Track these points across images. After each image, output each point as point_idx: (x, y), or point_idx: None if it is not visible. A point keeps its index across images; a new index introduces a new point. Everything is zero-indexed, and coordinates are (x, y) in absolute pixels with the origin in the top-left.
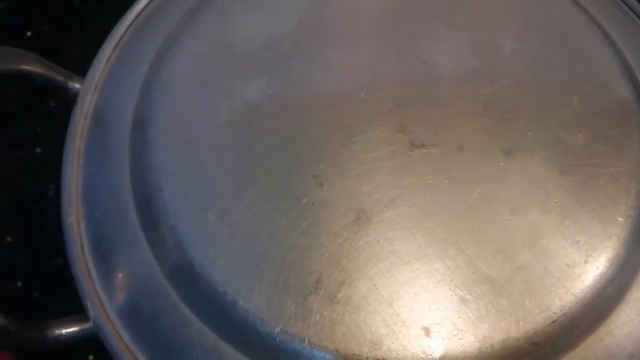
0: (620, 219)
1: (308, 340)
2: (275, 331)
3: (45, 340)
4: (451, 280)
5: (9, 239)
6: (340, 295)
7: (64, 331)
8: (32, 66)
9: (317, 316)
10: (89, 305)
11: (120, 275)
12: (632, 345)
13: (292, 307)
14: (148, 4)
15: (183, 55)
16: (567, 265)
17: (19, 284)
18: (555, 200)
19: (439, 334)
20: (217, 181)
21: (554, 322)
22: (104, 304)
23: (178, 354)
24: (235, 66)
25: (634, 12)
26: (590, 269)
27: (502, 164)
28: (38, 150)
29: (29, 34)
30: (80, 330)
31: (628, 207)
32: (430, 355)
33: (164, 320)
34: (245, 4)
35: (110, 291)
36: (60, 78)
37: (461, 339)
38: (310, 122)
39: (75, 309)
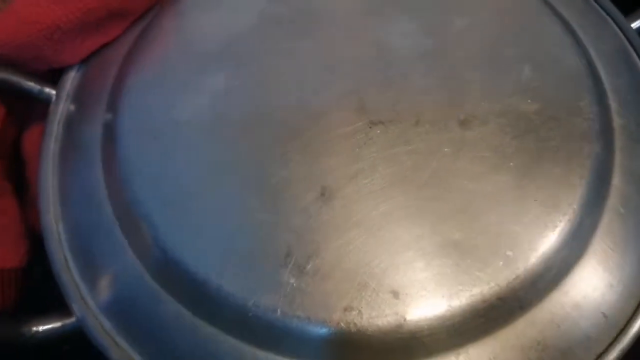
0: (575, 176)
1: (280, 311)
2: (248, 304)
3: (23, 336)
4: (416, 245)
5: None
6: (309, 267)
7: (41, 328)
8: (3, 72)
9: (288, 287)
10: (70, 296)
11: (98, 266)
12: (598, 295)
13: (264, 281)
14: None
15: (147, 59)
16: (528, 223)
17: None
18: (511, 163)
19: (407, 295)
20: (185, 169)
21: (517, 277)
22: (83, 295)
23: (156, 335)
24: (197, 64)
25: None
26: (550, 225)
27: (458, 134)
28: None
29: None
30: (61, 326)
31: (582, 165)
32: (400, 315)
33: (141, 305)
34: (204, 5)
35: (89, 283)
36: (32, 83)
37: (429, 299)
38: (272, 108)
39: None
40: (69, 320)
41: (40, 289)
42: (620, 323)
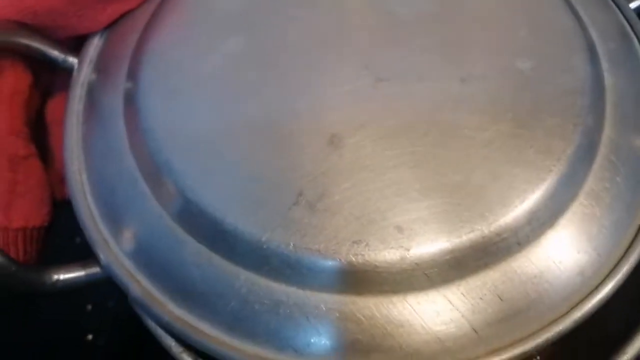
0: (568, 126)
1: (292, 245)
2: (262, 239)
3: (46, 284)
4: (420, 186)
5: None
6: (319, 205)
7: (62, 276)
8: (29, 40)
9: (300, 223)
10: (93, 240)
11: (120, 212)
12: (593, 233)
13: (277, 218)
14: None
15: (168, 25)
16: (525, 167)
17: None
18: (509, 114)
19: (411, 230)
20: (204, 120)
21: (515, 215)
22: (106, 239)
23: (176, 273)
24: (215, 28)
25: None
26: (545, 168)
27: (458, 89)
28: None
29: None
30: (84, 275)
31: (575, 116)
32: (404, 248)
33: (162, 245)
34: None
35: (112, 228)
36: (57, 52)
37: (432, 234)
38: (283, 67)
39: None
40: (91, 270)
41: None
42: (614, 258)
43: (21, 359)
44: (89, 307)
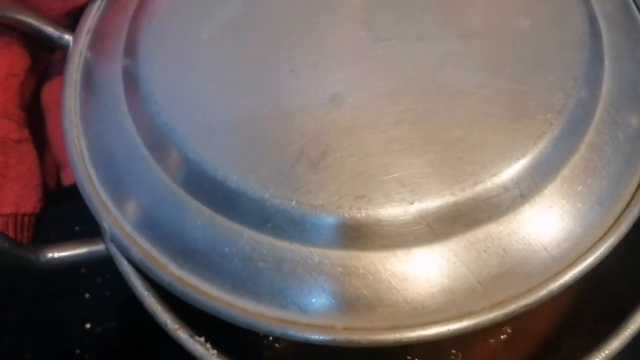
0: (568, 81)
1: (295, 201)
2: (265, 197)
3: (40, 261)
4: (422, 141)
5: None
6: (322, 163)
7: (56, 254)
8: (25, 17)
9: (302, 180)
10: (93, 205)
11: (120, 176)
12: (596, 184)
13: (279, 176)
14: None
15: None
16: (526, 122)
17: None
18: (509, 71)
19: (414, 184)
20: (204, 83)
21: (517, 167)
22: (106, 203)
23: (178, 234)
24: None
25: None
26: (547, 121)
27: (458, 47)
28: None
29: None
30: (78, 253)
31: (574, 70)
32: (407, 201)
33: (163, 207)
34: None
35: (111, 192)
36: (52, 29)
37: (435, 186)
38: (283, 30)
39: None
40: (85, 249)
41: None
42: (617, 210)
43: (21, 348)
44: (87, 295)
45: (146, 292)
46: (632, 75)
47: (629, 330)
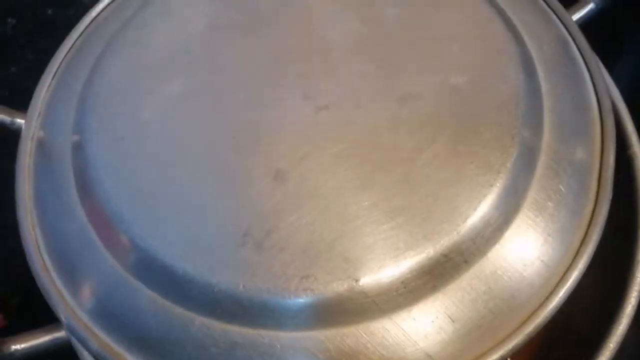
0: (507, 138)
1: (242, 285)
2: (213, 282)
3: (5, 356)
4: (364, 214)
5: None
6: (266, 243)
7: (20, 346)
8: None
9: (248, 263)
10: (49, 295)
11: (74, 266)
12: (538, 245)
13: (225, 260)
14: (81, 33)
15: (110, 69)
16: (466, 185)
17: None
18: (447, 131)
19: (357, 259)
20: (149, 165)
21: (459, 234)
22: (62, 294)
23: (133, 322)
24: (157, 68)
25: None
26: (486, 184)
27: (396, 111)
28: None
29: None
30: (47, 341)
31: (512, 127)
32: (352, 278)
33: (117, 296)
34: (161, 16)
35: (67, 282)
36: (4, 115)
37: (378, 261)
38: (224, 104)
39: None
40: (49, 336)
41: None
42: (563, 266)
43: None
44: None
45: None
46: (572, 120)
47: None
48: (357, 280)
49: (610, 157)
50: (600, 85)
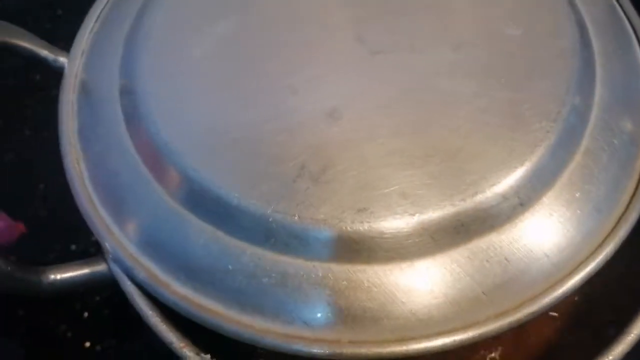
0: (563, 87)
1: (297, 216)
2: (267, 212)
3: (43, 284)
4: (421, 153)
5: None
6: (322, 177)
7: (59, 276)
8: (19, 40)
9: (304, 195)
10: (95, 226)
11: (121, 197)
12: (593, 190)
13: (281, 191)
14: None
15: (159, 9)
16: (523, 131)
17: None
18: (502, 80)
19: (415, 195)
20: (202, 100)
21: (516, 176)
22: (108, 225)
23: (181, 253)
24: (208, 7)
25: None
26: (543, 129)
27: (451, 57)
28: None
29: None
30: (82, 274)
31: (567, 78)
32: (409, 213)
33: (165, 227)
34: None
35: (114, 214)
36: (46, 52)
37: (436, 198)
38: (277, 45)
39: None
40: (89, 269)
41: None
42: (615, 215)
43: None
44: (86, 314)
45: (150, 312)
46: (622, 80)
47: (632, 335)
48: (413, 216)
49: None
50: None
